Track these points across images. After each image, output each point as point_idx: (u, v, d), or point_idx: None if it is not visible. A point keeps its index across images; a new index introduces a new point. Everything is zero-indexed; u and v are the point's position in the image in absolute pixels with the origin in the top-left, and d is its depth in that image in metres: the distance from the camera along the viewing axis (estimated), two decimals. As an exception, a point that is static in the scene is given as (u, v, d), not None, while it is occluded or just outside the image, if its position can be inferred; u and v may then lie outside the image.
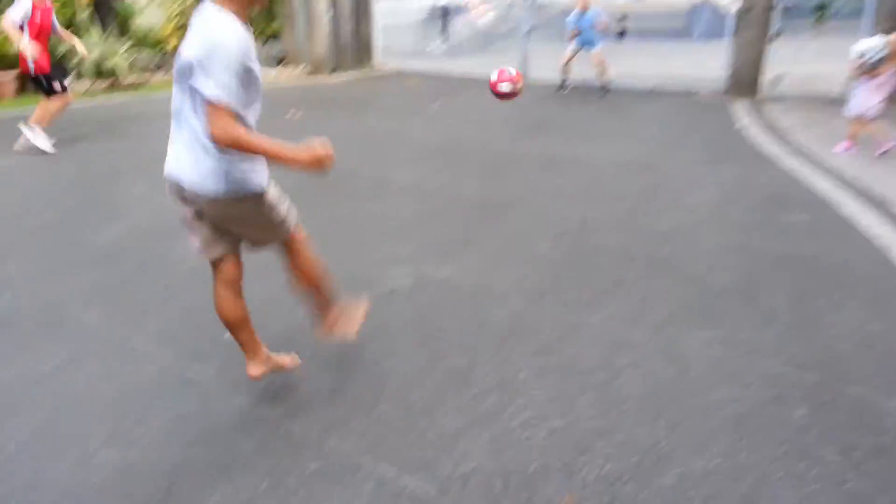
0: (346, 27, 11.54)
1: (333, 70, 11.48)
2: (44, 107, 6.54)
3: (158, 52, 10.69)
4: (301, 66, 11.28)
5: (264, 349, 2.62)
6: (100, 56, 9.61)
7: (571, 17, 9.03)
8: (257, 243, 2.47)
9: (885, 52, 5.64)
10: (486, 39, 11.19)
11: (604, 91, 9.20)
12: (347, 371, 2.84)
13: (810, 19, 8.74)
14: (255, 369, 2.58)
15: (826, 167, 5.56)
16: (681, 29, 10.68)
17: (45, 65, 6.46)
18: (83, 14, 9.97)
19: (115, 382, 2.79)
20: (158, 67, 10.62)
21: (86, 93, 9.50)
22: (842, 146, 6.03)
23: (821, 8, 8.70)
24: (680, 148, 6.30)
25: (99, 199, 5.12)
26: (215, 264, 2.44)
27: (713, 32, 9.85)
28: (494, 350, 2.96)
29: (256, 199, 2.26)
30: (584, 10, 9.02)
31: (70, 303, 3.49)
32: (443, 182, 5.38)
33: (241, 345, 2.57)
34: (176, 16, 11.25)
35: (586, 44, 9.11)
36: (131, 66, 10.15)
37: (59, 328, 3.25)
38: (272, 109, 8.05)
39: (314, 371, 2.83)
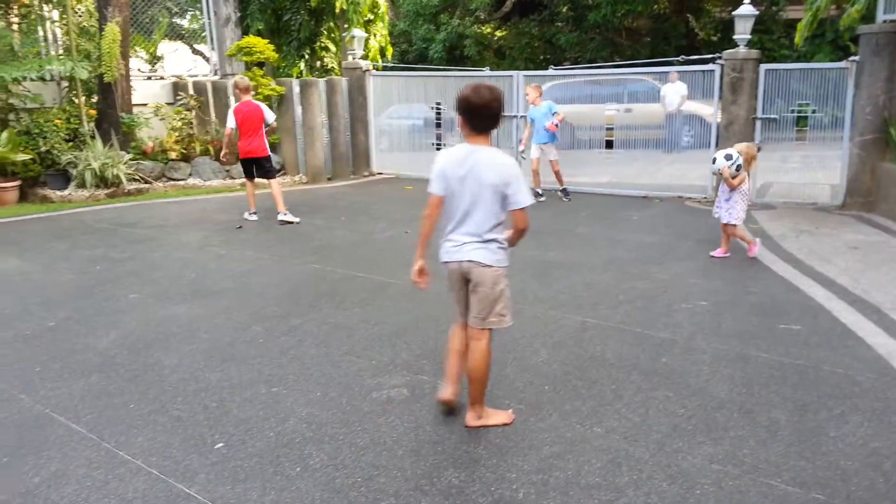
0: (344, 137, 11.93)
1: (330, 178, 11.77)
2: (276, 190, 8.14)
3: (161, 161, 10.96)
4: (299, 175, 11.56)
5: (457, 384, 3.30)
6: (102, 165, 9.85)
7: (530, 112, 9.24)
8: (479, 314, 3.16)
9: (740, 161, 6.00)
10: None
11: (566, 193, 9.47)
12: (338, 488, 2.74)
13: (792, 131, 9.07)
14: (445, 393, 3.30)
15: (819, 274, 5.61)
16: (667, 138, 11.08)
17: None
18: (87, 126, 10.29)
19: (103, 496, 2.71)
20: (160, 177, 10.86)
21: (88, 199, 9.66)
22: (719, 251, 6.31)
23: (802, 120, 9.05)
24: (673, 254, 6.38)
25: (94, 306, 5.10)
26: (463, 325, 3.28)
27: (699, 142, 10.20)
28: (493, 465, 2.88)
29: (504, 271, 3.19)
30: (534, 104, 9.09)
31: (60, 412, 3.41)
32: (440, 288, 5.38)
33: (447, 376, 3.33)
34: (177, 129, 11.62)
35: (540, 140, 9.14)
36: (133, 175, 10.39)
37: (48, 438, 3.17)
38: (272, 212, 8.21)
39: (307, 486, 2.74)
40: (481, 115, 3.13)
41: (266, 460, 2.97)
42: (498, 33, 23.21)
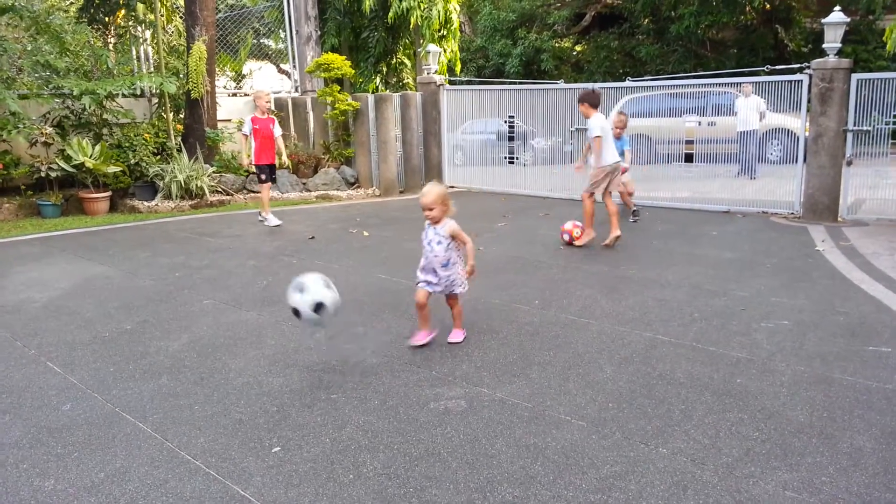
0: (417, 151, 12.05)
1: (402, 191, 11.88)
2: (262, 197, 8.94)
3: (242, 174, 11.34)
4: (372, 188, 11.73)
5: None
6: (187, 177, 10.27)
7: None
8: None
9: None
10: (551, 160, 11.38)
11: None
12: (390, 497, 2.69)
13: (887, 144, 8.52)
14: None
15: (914, 295, 5.22)
16: (741, 159, 10.66)
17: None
18: (174, 140, 10.77)
19: (161, 494, 2.76)
20: (241, 189, 11.23)
21: (173, 210, 10.09)
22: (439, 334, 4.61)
23: (898, 133, 8.50)
24: (754, 271, 6.07)
25: (169, 311, 5.28)
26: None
27: (787, 156, 9.75)
28: (549, 482, 2.77)
29: None
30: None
31: (129, 412, 3.52)
32: (504, 300, 5.32)
33: None
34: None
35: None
36: (216, 187, 10.79)
37: (116, 436, 3.26)
38: (344, 224, 8.34)
39: (358, 494, 2.71)
40: (597, 101, 6.94)
41: (320, 466, 2.96)
42: (577, 48, 23.01)
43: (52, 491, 2.82)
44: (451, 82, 13.56)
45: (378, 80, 15.21)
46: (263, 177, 8.78)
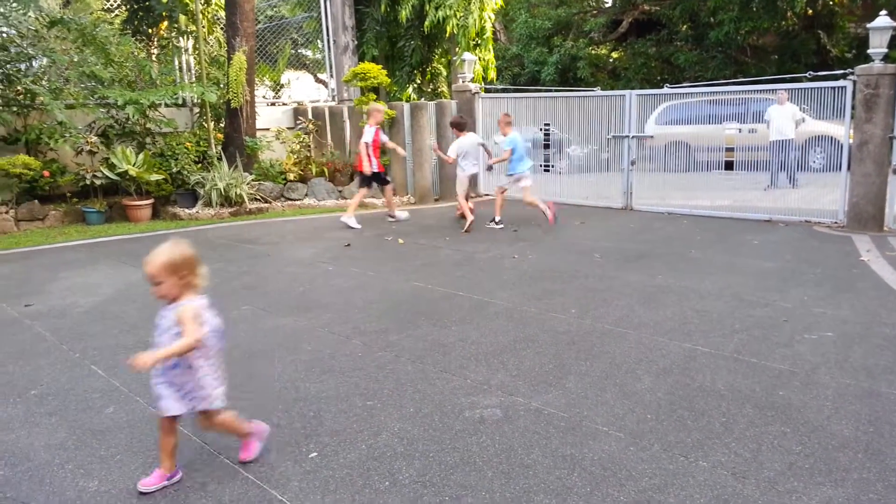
0: (453, 158, 12.07)
1: (437, 199, 11.91)
2: (387, 196, 9.99)
3: (280, 182, 11.49)
4: (407, 196, 11.78)
5: None
6: (227, 185, 10.45)
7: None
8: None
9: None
10: (587, 168, 11.31)
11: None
12: (427, 506, 2.70)
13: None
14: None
15: (966, 307, 5.05)
16: (796, 160, 10.41)
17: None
18: (215, 149, 10.97)
19: (201, 497, 2.81)
20: (279, 196, 11.37)
21: (213, 217, 10.27)
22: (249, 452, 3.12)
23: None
24: (797, 281, 5.94)
25: (209, 316, 5.36)
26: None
27: (830, 164, 9.52)
28: (586, 494, 2.74)
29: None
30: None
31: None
32: (540, 309, 5.29)
33: None
34: (295, 152, 12.18)
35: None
36: (255, 195, 10.95)
37: (156, 440, 3.32)
38: (380, 231, 8.40)
39: (394, 502, 2.72)
40: (464, 126, 9.15)
41: (356, 472, 2.98)
42: (614, 55, 22.85)
43: (96, 492, 2.88)
44: (486, 90, 13.57)
45: (410, 88, 15.32)
46: (374, 183, 9.72)
